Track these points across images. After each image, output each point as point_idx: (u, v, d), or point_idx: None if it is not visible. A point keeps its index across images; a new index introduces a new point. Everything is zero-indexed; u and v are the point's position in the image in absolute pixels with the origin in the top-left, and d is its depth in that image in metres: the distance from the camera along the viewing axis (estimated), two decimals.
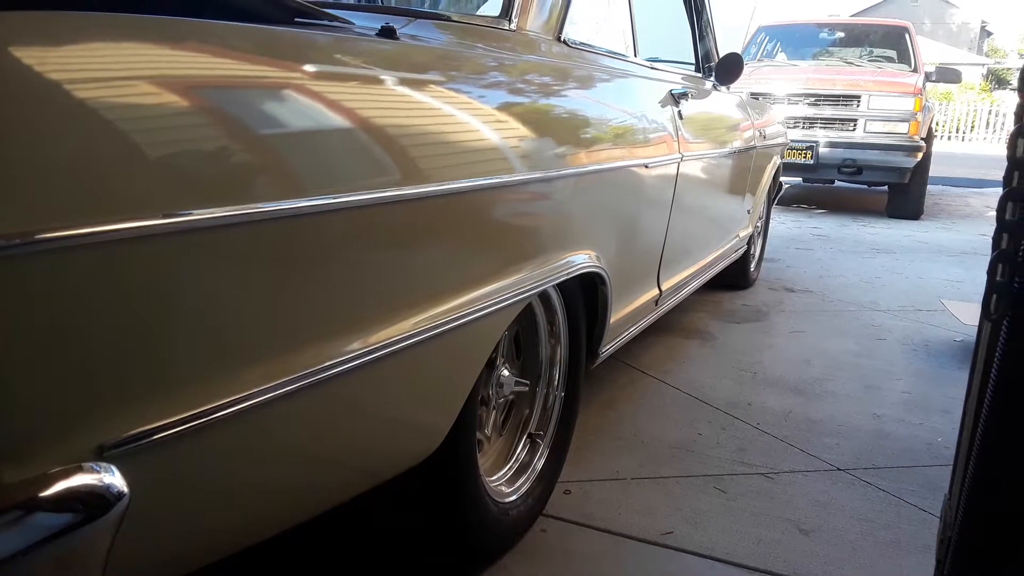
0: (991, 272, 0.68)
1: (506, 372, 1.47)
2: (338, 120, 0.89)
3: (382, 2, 1.97)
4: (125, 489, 0.65)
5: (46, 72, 0.61)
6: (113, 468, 0.65)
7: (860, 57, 6.92)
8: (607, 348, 1.80)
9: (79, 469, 0.63)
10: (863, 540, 1.60)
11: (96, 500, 0.63)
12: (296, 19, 0.91)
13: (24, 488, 0.60)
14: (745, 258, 3.51)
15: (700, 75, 2.69)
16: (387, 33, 1.02)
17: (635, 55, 2.04)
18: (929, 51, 9.15)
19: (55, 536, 0.60)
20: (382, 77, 0.99)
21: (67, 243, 0.60)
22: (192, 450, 0.74)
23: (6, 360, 0.60)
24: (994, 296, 0.66)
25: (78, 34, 0.66)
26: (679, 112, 2.12)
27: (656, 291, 2.13)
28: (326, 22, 0.96)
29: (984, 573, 0.73)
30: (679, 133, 2.08)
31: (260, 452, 0.85)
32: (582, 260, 1.49)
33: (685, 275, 2.43)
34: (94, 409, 0.66)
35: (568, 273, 1.43)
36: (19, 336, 0.60)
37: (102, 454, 0.66)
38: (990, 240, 0.75)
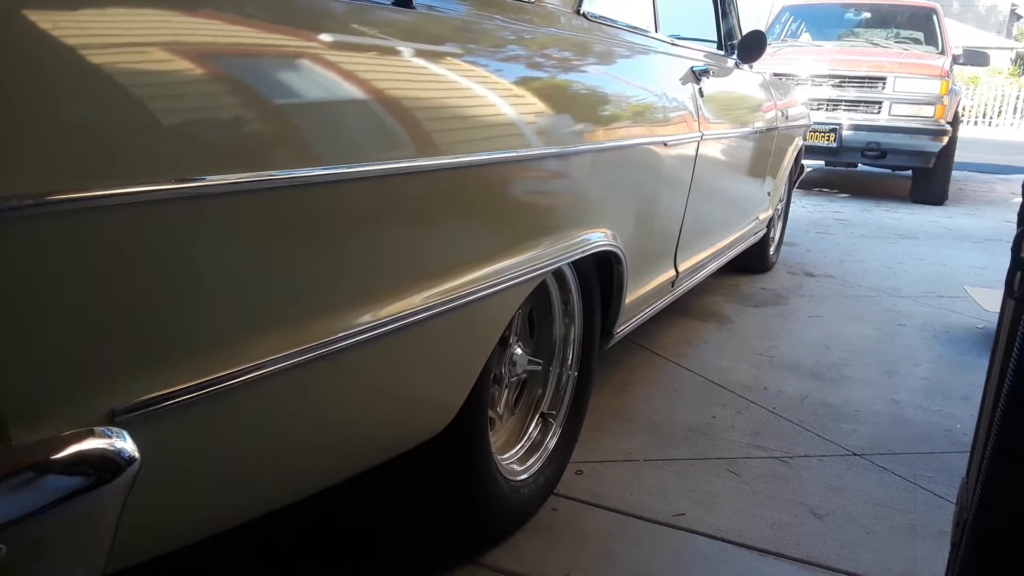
0: (1016, 249, 0.67)
1: (519, 350, 1.46)
2: (353, 90, 0.88)
3: None
4: (136, 454, 0.65)
5: (61, 36, 0.61)
6: (124, 433, 0.66)
7: (886, 38, 6.79)
8: (622, 329, 1.79)
9: (91, 433, 0.64)
10: (877, 525, 1.58)
11: (107, 464, 0.63)
12: None
13: (36, 450, 0.61)
14: (764, 241, 3.48)
15: (722, 53, 2.65)
16: (404, 2, 1.01)
17: (656, 31, 2.01)
18: (957, 33, 8.97)
19: (65, 499, 0.60)
20: (398, 48, 0.98)
21: (80, 205, 0.60)
22: (203, 417, 0.75)
23: (19, 322, 0.60)
24: (1019, 274, 0.65)
25: None
26: (700, 90, 2.09)
27: (673, 272, 2.12)
28: None
29: (1000, 556, 0.72)
30: (699, 111, 2.06)
31: (271, 421, 0.85)
32: (598, 238, 1.48)
33: (703, 257, 2.41)
34: (106, 373, 0.66)
35: (583, 251, 1.42)
36: (32, 298, 0.60)
37: (114, 419, 0.66)
38: (1015, 226, 0.73)
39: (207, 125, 0.71)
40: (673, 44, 2.08)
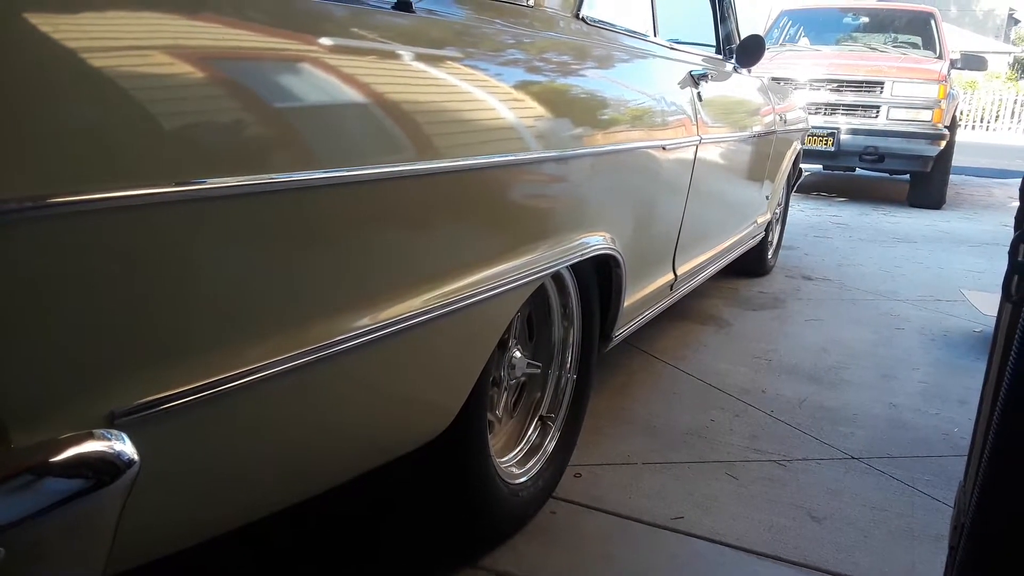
0: (1013, 253, 0.67)
1: (518, 353, 1.47)
2: (352, 94, 0.88)
3: None
4: (135, 457, 0.65)
5: (61, 39, 0.61)
6: (124, 436, 0.66)
7: (884, 43, 6.81)
8: (620, 332, 1.79)
9: (90, 436, 0.64)
10: (875, 528, 1.59)
11: (106, 467, 0.63)
12: None
13: (34, 453, 0.61)
14: (763, 245, 3.48)
15: (721, 57, 2.66)
16: (403, 6, 1.01)
17: (655, 35, 2.01)
18: (955, 38, 8.98)
19: (65, 501, 0.60)
20: (398, 52, 0.98)
21: (80, 208, 0.60)
22: (203, 420, 0.75)
23: (19, 324, 0.60)
24: (1016, 277, 0.65)
25: (94, 2, 0.65)
26: (698, 94, 2.10)
27: (671, 275, 2.12)
28: None
29: (997, 559, 0.72)
30: (698, 115, 2.06)
31: (270, 424, 0.85)
32: (596, 242, 1.48)
33: (701, 260, 2.41)
34: (106, 376, 0.66)
35: (582, 255, 1.42)
36: (32, 300, 0.60)
37: (113, 421, 0.66)
38: (1012, 230, 0.73)
39: (207, 128, 0.72)
40: (672, 48, 2.08)
